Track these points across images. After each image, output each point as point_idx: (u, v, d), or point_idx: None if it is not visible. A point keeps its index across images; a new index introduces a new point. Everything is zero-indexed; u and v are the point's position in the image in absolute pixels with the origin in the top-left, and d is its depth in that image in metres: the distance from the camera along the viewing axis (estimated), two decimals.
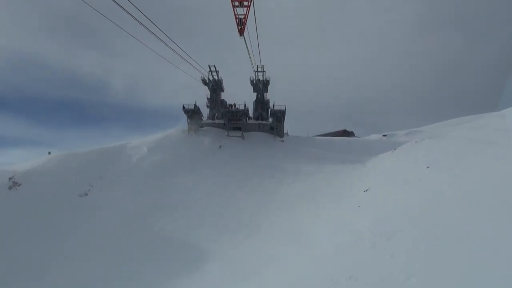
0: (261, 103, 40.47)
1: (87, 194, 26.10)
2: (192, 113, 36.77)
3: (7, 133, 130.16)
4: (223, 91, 41.45)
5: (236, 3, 17.14)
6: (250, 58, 25.37)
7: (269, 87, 40.63)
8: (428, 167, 16.87)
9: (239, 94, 76.71)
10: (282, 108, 36.60)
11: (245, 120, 38.10)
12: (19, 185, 25.05)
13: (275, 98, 53.90)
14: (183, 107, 36.54)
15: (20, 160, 31.15)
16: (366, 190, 18.61)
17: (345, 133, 65.78)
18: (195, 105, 36.92)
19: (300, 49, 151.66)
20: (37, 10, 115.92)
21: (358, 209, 16.20)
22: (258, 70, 37.30)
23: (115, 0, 13.59)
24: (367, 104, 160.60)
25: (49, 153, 33.13)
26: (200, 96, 41.25)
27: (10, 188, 24.94)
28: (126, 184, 27.33)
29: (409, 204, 13.46)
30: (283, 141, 37.34)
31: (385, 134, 42.19)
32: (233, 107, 38.04)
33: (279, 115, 36.84)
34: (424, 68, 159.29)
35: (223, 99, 41.19)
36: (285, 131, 39.59)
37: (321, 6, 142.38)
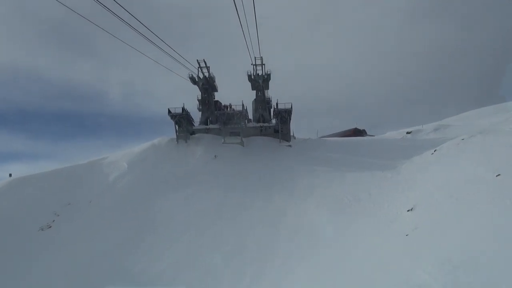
0: (261, 103, 36.65)
1: (50, 226, 22.34)
2: (180, 118, 33.01)
3: (6, 148, 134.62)
4: (216, 91, 37.80)
5: None
6: (244, 36, 21.75)
7: (270, 84, 36.93)
8: (499, 174, 13.03)
9: (236, 95, 73.41)
10: (288, 106, 32.75)
11: (244, 124, 34.32)
12: None
13: (276, 97, 50.10)
14: (169, 111, 32.80)
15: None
16: (411, 210, 14.70)
17: (357, 132, 62.13)
18: (183, 108, 33.14)
19: (293, 46, 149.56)
20: (27, 23, 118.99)
21: (407, 240, 12.29)
22: (257, 63, 33.62)
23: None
24: (369, 99, 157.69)
25: (10, 175, 29.59)
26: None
27: None
28: (99, 210, 23.56)
29: (495, 233, 9.59)
30: (290, 146, 33.55)
31: (409, 131, 38.25)
32: (228, 109, 34.28)
33: (284, 115, 33.02)
34: (423, 60, 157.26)
35: (217, 100, 37.54)
36: (291, 134, 35.84)
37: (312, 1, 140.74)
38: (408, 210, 14.74)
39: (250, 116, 37.71)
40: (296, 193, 22.78)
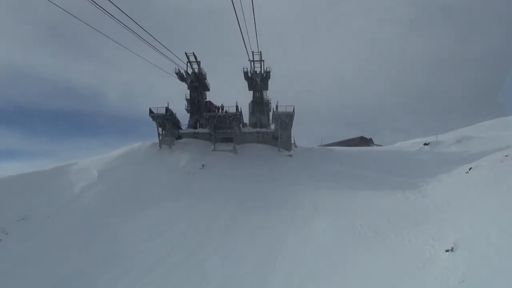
0: (259, 105, 33.83)
1: None
2: (164, 120, 29.94)
3: (3, 146, 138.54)
4: (208, 90, 34.90)
5: None
6: (240, 27, 19.09)
7: (270, 84, 34.08)
8: None
9: (231, 96, 70.66)
10: (289, 110, 29.77)
11: (238, 128, 31.39)
12: None
13: (276, 99, 47.26)
14: (150, 111, 29.73)
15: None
16: (451, 250, 11.58)
17: (363, 141, 59.37)
18: (167, 108, 30.07)
19: (294, 50, 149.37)
20: (28, 22, 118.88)
21: None
22: (255, 58, 30.71)
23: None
24: (372, 105, 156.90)
25: None
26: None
27: None
28: (57, 228, 20.35)
29: None
30: (291, 155, 30.62)
31: (427, 142, 35.55)
32: (220, 110, 31.28)
33: (285, 120, 30.07)
34: (425, 67, 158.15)
35: (208, 101, 34.59)
36: (292, 142, 32.94)
37: (312, 8, 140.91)
38: (447, 250, 11.63)
39: (246, 120, 34.95)
40: (297, 216, 19.62)
